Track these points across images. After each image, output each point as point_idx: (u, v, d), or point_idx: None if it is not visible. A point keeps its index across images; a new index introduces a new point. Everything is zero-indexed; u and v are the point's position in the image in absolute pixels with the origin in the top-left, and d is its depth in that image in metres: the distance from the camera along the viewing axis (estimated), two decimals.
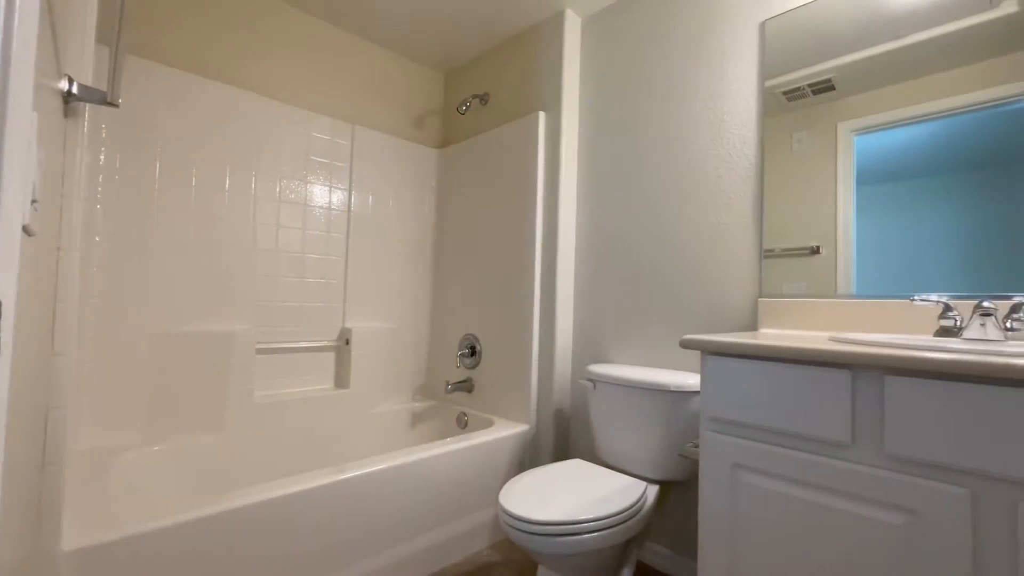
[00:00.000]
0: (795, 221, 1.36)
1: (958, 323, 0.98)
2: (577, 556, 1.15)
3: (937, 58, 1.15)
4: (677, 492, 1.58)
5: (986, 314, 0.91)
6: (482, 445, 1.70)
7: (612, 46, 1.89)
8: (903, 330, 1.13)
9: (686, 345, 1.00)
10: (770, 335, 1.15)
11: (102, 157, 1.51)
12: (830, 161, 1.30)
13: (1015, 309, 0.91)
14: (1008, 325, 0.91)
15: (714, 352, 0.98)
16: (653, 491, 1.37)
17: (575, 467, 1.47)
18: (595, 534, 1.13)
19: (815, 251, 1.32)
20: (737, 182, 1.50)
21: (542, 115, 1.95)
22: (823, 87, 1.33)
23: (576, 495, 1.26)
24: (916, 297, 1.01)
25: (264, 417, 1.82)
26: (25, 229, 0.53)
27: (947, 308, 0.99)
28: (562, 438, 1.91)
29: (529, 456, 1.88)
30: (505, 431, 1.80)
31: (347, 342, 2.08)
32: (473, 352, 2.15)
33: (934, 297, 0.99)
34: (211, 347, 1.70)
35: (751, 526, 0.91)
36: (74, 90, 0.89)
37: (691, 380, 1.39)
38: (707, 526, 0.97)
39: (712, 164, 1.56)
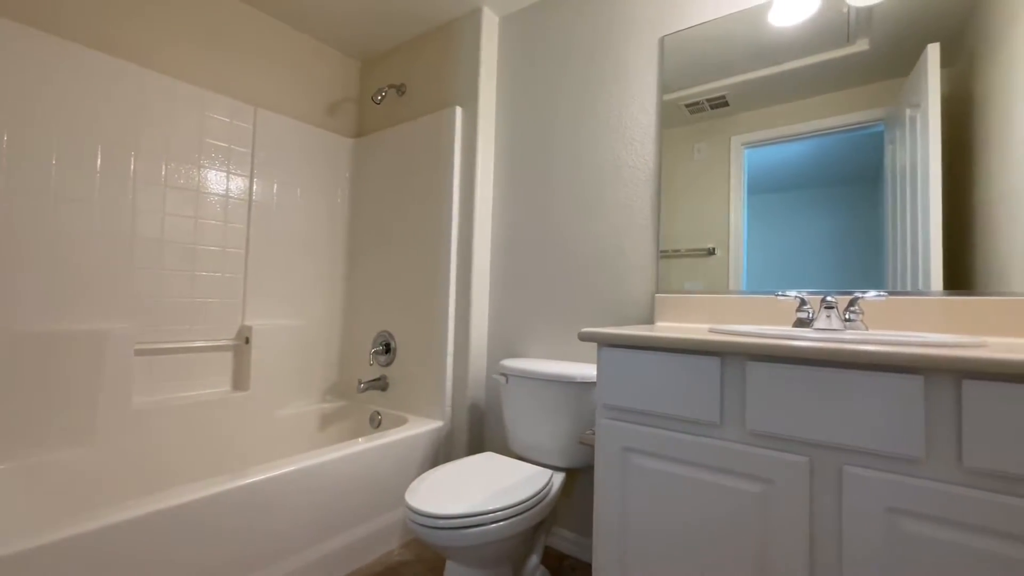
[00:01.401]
0: (696, 224, 1.47)
1: (810, 315, 1.12)
2: (482, 547, 1.16)
3: (809, 84, 1.30)
4: (582, 478, 1.66)
5: (829, 307, 1.05)
6: (394, 443, 1.67)
7: (528, 47, 1.93)
8: (772, 322, 1.28)
9: (583, 338, 1.05)
10: (661, 327, 1.24)
11: None
12: (724, 171, 1.43)
13: (852, 303, 1.06)
14: (847, 317, 1.07)
15: (607, 344, 1.04)
16: (559, 478, 1.43)
17: (485, 460, 1.49)
18: (500, 524, 1.16)
19: (711, 252, 1.44)
20: (639, 187, 1.60)
21: (459, 110, 1.95)
22: (718, 103, 1.45)
23: (483, 487, 1.27)
24: (779, 293, 1.15)
25: (146, 425, 1.64)
26: None
27: (802, 303, 1.14)
28: (476, 433, 1.92)
29: (443, 452, 1.87)
30: (418, 428, 1.77)
31: (247, 340, 1.94)
32: (388, 349, 2.10)
33: (792, 293, 1.14)
34: (77, 348, 1.49)
35: (638, 502, 0.98)
36: None
37: (595, 371, 1.46)
38: (601, 506, 1.03)
39: (617, 168, 1.65)
